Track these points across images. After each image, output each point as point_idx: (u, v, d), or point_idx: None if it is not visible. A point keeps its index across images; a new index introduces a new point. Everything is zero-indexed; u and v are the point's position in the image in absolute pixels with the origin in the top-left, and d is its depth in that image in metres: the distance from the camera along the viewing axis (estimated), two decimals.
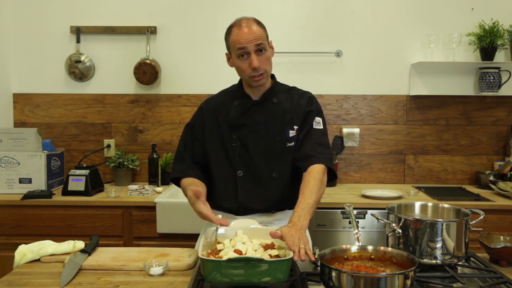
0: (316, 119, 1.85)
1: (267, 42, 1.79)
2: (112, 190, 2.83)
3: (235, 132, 1.82)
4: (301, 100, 1.86)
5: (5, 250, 2.65)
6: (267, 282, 1.35)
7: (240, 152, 1.82)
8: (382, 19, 3.24)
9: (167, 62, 3.27)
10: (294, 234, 1.45)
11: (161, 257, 1.68)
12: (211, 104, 1.92)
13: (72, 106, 3.31)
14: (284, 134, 1.82)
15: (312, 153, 1.77)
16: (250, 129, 1.82)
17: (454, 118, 3.27)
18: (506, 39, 3.09)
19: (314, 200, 1.65)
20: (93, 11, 3.26)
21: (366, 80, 3.27)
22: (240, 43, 1.72)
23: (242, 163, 1.82)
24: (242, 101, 1.85)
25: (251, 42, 1.71)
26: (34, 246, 1.71)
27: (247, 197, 1.81)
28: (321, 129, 1.84)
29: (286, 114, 1.83)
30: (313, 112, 1.85)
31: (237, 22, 1.77)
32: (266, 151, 1.81)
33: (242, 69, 1.76)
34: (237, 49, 1.73)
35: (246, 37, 1.71)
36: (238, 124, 1.82)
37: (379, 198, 2.78)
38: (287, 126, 1.82)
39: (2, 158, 2.84)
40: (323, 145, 1.82)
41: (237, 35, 1.73)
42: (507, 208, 2.69)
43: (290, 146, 1.82)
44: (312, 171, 1.73)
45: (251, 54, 1.72)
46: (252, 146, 1.81)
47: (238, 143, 1.82)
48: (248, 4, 3.23)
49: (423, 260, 1.58)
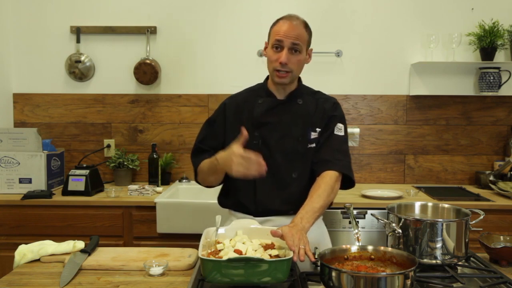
0: (338, 125, 1.84)
1: (306, 47, 1.80)
2: (112, 190, 2.84)
3: (257, 130, 1.81)
4: (326, 105, 1.86)
5: (5, 250, 2.65)
6: (267, 282, 1.35)
7: (262, 150, 1.78)
8: (382, 19, 3.24)
9: (167, 62, 3.27)
10: (294, 234, 1.45)
11: (161, 257, 1.68)
12: (234, 101, 1.91)
13: (72, 106, 3.31)
14: (306, 136, 1.81)
15: (329, 158, 1.77)
16: (273, 128, 1.81)
17: (454, 118, 3.27)
18: (506, 39, 3.09)
19: (320, 205, 1.64)
20: (93, 11, 3.26)
21: (366, 80, 3.27)
22: (279, 35, 1.74)
23: None
24: (266, 100, 1.84)
25: (289, 38, 1.73)
26: (34, 246, 1.71)
27: (266, 196, 1.80)
28: (342, 136, 1.84)
29: (310, 116, 1.83)
30: (336, 117, 1.85)
31: (287, 16, 1.79)
32: (288, 151, 1.80)
33: (271, 59, 1.77)
34: (274, 39, 1.75)
35: (287, 32, 1.73)
36: (262, 122, 1.81)
37: (379, 198, 2.78)
38: (310, 128, 1.81)
39: (2, 158, 2.84)
40: (342, 152, 1.81)
41: (280, 27, 1.75)
42: (507, 208, 2.69)
43: (311, 147, 1.81)
44: (325, 176, 1.73)
45: (284, 49, 1.73)
46: (274, 145, 1.80)
47: (260, 141, 1.81)
48: (248, 4, 3.23)
49: (423, 260, 1.58)
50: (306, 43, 1.78)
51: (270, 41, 1.79)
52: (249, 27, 3.24)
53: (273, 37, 1.77)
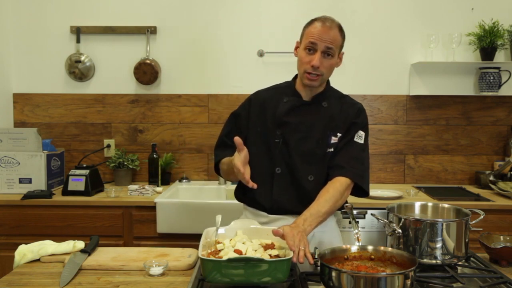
0: (359, 133, 1.82)
1: (339, 51, 1.77)
2: (112, 190, 2.83)
3: (279, 128, 1.80)
4: (350, 110, 1.84)
5: (5, 250, 2.65)
6: (267, 282, 1.35)
7: (282, 149, 1.79)
8: (382, 19, 3.24)
9: (167, 62, 3.27)
10: (295, 235, 1.45)
11: (161, 257, 1.68)
12: (260, 97, 1.90)
13: (72, 106, 3.31)
14: (326, 139, 1.79)
15: (344, 164, 1.75)
16: (294, 128, 1.80)
17: (454, 118, 3.27)
18: (506, 39, 3.09)
19: (326, 210, 1.63)
20: (93, 11, 3.26)
21: (366, 80, 3.27)
22: (314, 37, 1.71)
23: (282, 160, 1.80)
24: (292, 99, 1.83)
25: (324, 42, 1.71)
26: (34, 246, 1.71)
27: (282, 195, 1.79)
28: (361, 144, 1.81)
29: (333, 120, 1.81)
30: (358, 124, 1.82)
31: (323, 18, 1.76)
32: (307, 153, 1.79)
33: (303, 61, 1.75)
34: (308, 41, 1.73)
35: (322, 35, 1.71)
36: (284, 121, 1.80)
37: (379, 198, 2.78)
38: (331, 132, 1.80)
39: (2, 158, 2.84)
40: (359, 161, 1.78)
41: (315, 29, 1.73)
42: (507, 208, 2.69)
43: (330, 151, 1.80)
44: (336, 182, 1.72)
45: (317, 52, 1.72)
46: (294, 145, 1.79)
47: (281, 139, 1.80)
48: (248, 4, 3.23)
49: (423, 260, 1.58)
50: (339, 47, 1.76)
51: (303, 42, 1.76)
52: (249, 27, 3.24)
53: (306, 38, 1.74)
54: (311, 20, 1.79)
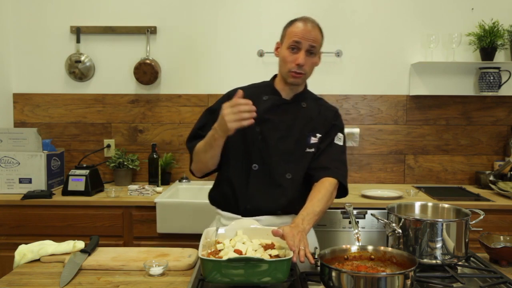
0: (339, 135, 1.87)
1: (319, 50, 1.81)
2: (112, 190, 2.83)
3: (259, 125, 1.80)
4: (327, 112, 1.89)
5: (5, 250, 2.65)
6: (267, 282, 1.35)
7: (260, 146, 1.81)
8: (382, 19, 3.24)
9: (167, 62, 3.27)
10: (295, 235, 1.46)
11: (161, 257, 1.68)
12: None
13: (72, 106, 3.31)
14: (305, 139, 1.82)
15: (329, 166, 1.79)
16: (274, 126, 1.82)
17: (454, 118, 3.27)
18: (506, 39, 3.09)
19: (320, 209, 1.66)
20: (93, 11, 3.26)
21: (366, 80, 3.27)
22: (298, 36, 1.74)
23: (259, 157, 1.81)
24: (272, 97, 1.85)
25: (308, 40, 1.74)
26: (34, 246, 1.71)
27: (257, 193, 1.79)
28: (341, 146, 1.87)
29: (311, 121, 1.85)
30: (337, 127, 1.88)
31: (304, 18, 1.80)
32: (285, 151, 1.81)
33: (287, 60, 1.77)
34: (291, 40, 1.75)
35: (305, 34, 1.74)
36: (265, 119, 1.81)
37: (379, 198, 2.78)
38: (310, 133, 1.83)
39: (2, 158, 2.84)
40: (341, 162, 1.84)
41: (298, 28, 1.76)
42: (507, 208, 2.69)
43: (309, 152, 1.82)
44: (325, 182, 1.75)
45: (302, 51, 1.74)
46: (273, 143, 1.80)
47: (259, 136, 1.81)
48: (248, 4, 3.23)
49: (423, 260, 1.58)
50: (320, 47, 1.81)
51: (286, 42, 1.79)
52: (249, 27, 3.24)
53: (289, 38, 1.77)
54: (292, 21, 1.82)
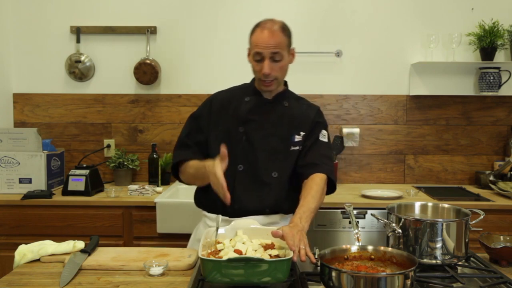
0: (323, 132, 1.89)
1: (288, 50, 1.80)
2: (112, 190, 2.83)
3: (243, 126, 1.83)
4: (309, 111, 1.91)
5: (5, 250, 2.65)
6: (267, 282, 1.35)
7: (244, 146, 1.82)
8: (382, 19, 3.24)
9: (167, 62, 3.27)
10: (295, 234, 1.45)
11: (161, 257, 1.68)
12: (220, 97, 1.93)
13: (72, 106, 3.31)
14: (290, 137, 1.84)
15: (317, 162, 1.80)
16: (258, 126, 1.83)
17: (454, 118, 3.27)
18: (506, 39, 3.09)
19: (315, 205, 1.66)
20: (93, 11, 3.26)
21: (366, 80, 3.27)
22: (258, 47, 1.74)
23: (244, 158, 1.81)
24: (254, 98, 1.87)
25: (268, 49, 1.73)
26: (34, 246, 1.71)
27: (244, 194, 1.80)
28: (326, 142, 1.89)
29: (294, 119, 1.86)
30: (321, 124, 1.90)
31: (262, 24, 1.78)
32: (270, 150, 1.82)
33: (255, 70, 1.81)
34: (254, 52, 1.76)
35: (265, 43, 1.73)
36: (248, 119, 1.83)
37: (379, 198, 2.78)
38: (294, 131, 1.85)
39: (2, 158, 2.84)
40: (328, 158, 1.85)
41: (257, 38, 1.75)
42: (507, 208, 2.69)
43: (294, 150, 1.84)
44: (315, 178, 1.75)
45: (265, 60, 1.74)
46: (258, 143, 1.82)
47: (244, 137, 1.82)
48: (248, 4, 3.23)
49: (423, 260, 1.58)
50: (286, 48, 1.79)
51: (251, 52, 1.80)
52: (249, 27, 3.20)
53: (252, 48, 1.78)
54: (253, 27, 1.81)
